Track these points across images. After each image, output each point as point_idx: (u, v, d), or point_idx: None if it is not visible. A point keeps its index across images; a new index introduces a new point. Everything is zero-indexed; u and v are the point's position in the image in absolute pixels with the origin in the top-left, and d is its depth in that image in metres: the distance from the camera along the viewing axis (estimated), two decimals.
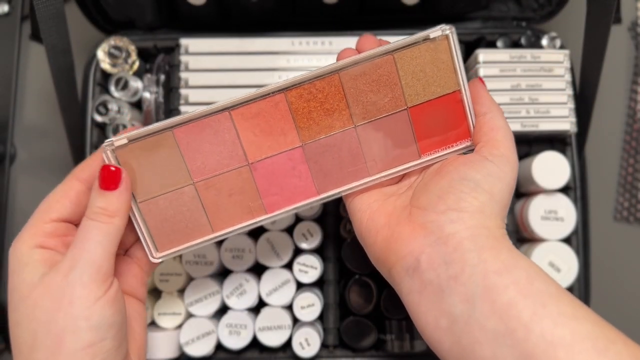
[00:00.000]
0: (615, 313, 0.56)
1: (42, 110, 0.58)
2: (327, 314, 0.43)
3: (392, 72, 0.31)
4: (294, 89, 0.31)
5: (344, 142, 0.32)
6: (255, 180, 0.32)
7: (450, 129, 0.32)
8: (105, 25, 0.49)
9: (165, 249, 0.32)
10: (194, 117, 0.30)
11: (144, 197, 0.31)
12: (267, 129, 0.31)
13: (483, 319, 0.25)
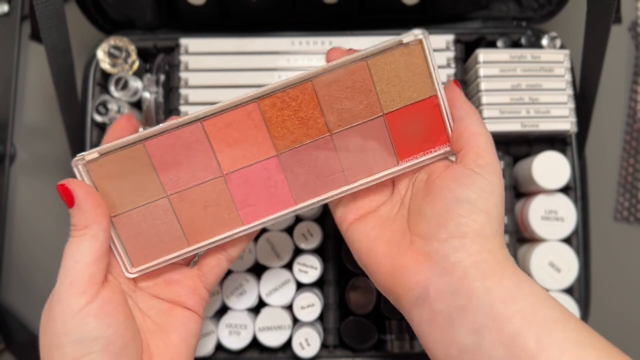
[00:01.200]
0: (616, 313, 0.56)
1: (42, 110, 0.58)
2: (327, 314, 0.43)
3: (366, 78, 0.30)
4: (267, 98, 0.30)
5: (320, 150, 0.31)
6: (230, 191, 0.31)
7: (429, 134, 0.31)
8: (105, 25, 0.49)
9: (140, 264, 0.31)
10: (165, 129, 0.30)
11: (117, 211, 0.30)
12: (240, 139, 0.31)
13: (491, 349, 0.25)
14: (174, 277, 0.32)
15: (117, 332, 0.27)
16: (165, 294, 0.31)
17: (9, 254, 0.56)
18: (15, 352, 0.54)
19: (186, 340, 0.31)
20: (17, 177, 0.57)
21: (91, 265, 0.27)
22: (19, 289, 0.56)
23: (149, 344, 0.30)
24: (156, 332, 0.30)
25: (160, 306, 0.31)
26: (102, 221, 0.28)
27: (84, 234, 0.28)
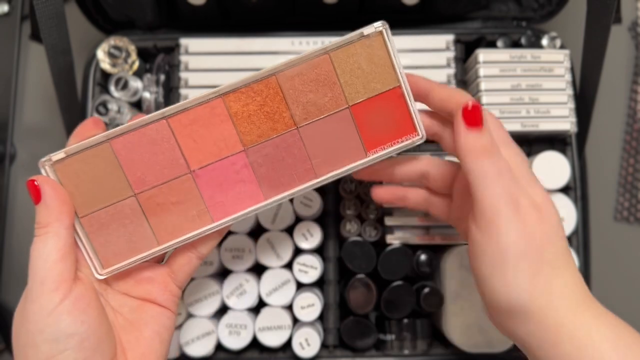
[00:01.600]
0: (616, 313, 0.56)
1: (42, 110, 0.58)
2: (327, 314, 0.43)
3: (329, 70, 0.31)
4: (232, 93, 0.30)
5: (288, 144, 0.31)
6: (198, 187, 0.31)
7: (395, 124, 0.32)
8: (105, 25, 0.49)
9: (110, 265, 0.31)
10: (130, 127, 0.30)
11: (85, 212, 0.30)
12: (207, 135, 0.31)
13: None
14: (145, 275, 0.32)
15: (90, 328, 0.27)
16: (136, 291, 0.31)
17: (9, 254, 0.56)
18: None
19: (159, 333, 0.31)
20: (17, 177, 0.57)
21: (59, 263, 0.27)
22: (19, 289, 0.56)
23: (122, 339, 0.30)
24: (128, 328, 0.30)
25: (132, 303, 0.31)
26: (64, 219, 0.28)
27: (47, 232, 0.28)
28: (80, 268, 0.30)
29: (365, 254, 0.42)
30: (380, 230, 0.44)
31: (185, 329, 0.42)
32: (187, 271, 0.32)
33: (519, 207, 0.28)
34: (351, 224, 0.44)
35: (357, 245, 0.43)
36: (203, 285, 0.42)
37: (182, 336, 0.42)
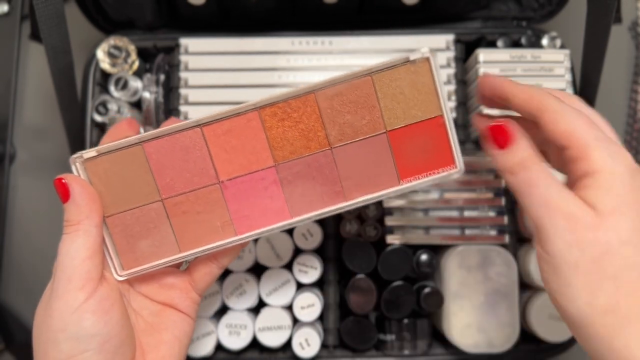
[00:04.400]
0: None
1: (42, 110, 0.58)
2: (327, 314, 0.43)
3: (370, 94, 0.30)
4: (268, 107, 0.30)
5: (320, 164, 0.31)
6: (225, 199, 0.31)
7: (433, 154, 0.31)
8: (105, 25, 0.49)
9: (130, 267, 0.31)
10: (164, 132, 0.30)
11: (111, 212, 0.30)
12: (239, 147, 0.30)
13: None
14: (168, 281, 0.32)
15: (113, 329, 0.27)
16: (157, 296, 0.31)
17: (9, 254, 0.56)
18: (15, 352, 0.54)
19: (179, 339, 0.31)
20: (17, 177, 0.57)
21: (87, 261, 0.27)
22: (19, 289, 0.56)
23: (141, 342, 0.30)
24: (149, 331, 0.30)
25: (153, 307, 0.31)
26: (94, 217, 0.28)
27: (77, 229, 0.28)
28: (106, 268, 0.30)
29: (365, 254, 0.42)
30: (380, 230, 0.44)
31: None
32: (208, 280, 0.32)
33: (569, 215, 0.26)
34: (351, 224, 0.44)
35: (357, 245, 0.43)
36: None
37: None
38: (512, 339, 0.42)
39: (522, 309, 0.44)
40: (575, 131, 0.27)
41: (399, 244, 0.42)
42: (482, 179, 0.43)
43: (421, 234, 0.43)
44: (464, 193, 0.43)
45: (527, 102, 0.29)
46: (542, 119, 0.28)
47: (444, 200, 0.43)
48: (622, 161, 0.26)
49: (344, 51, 0.44)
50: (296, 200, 0.31)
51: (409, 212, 0.43)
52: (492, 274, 0.42)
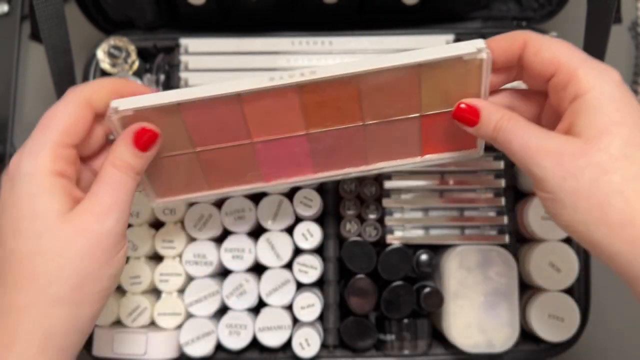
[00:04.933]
0: (615, 314, 0.56)
1: (42, 110, 0.58)
2: (327, 314, 0.43)
3: (414, 83, 0.30)
4: (309, 86, 0.30)
5: (350, 135, 0.32)
6: (256, 156, 0.32)
7: (458, 138, 0.32)
8: (105, 25, 0.49)
9: (164, 197, 0.33)
10: (203, 98, 0.30)
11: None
12: (274, 115, 0.31)
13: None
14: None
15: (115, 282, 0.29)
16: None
17: None
18: None
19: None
20: None
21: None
22: None
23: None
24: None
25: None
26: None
27: (136, 178, 0.29)
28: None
29: (365, 254, 0.42)
30: (380, 230, 0.44)
31: (185, 329, 0.42)
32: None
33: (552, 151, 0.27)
34: (351, 224, 0.44)
35: (357, 245, 0.43)
36: (203, 286, 0.42)
37: (182, 336, 0.42)
38: (512, 338, 0.42)
39: (522, 308, 0.44)
40: (560, 56, 0.28)
41: (399, 244, 0.42)
42: (482, 179, 0.43)
43: (421, 234, 0.43)
44: (464, 193, 0.43)
45: (512, 43, 0.30)
46: (528, 52, 0.29)
47: (444, 200, 0.43)
48: (609, 79, 0.27)
49: (344, 51, 0.44)
50: (322, 161, 0.33)
51: (409, 212, 0.43)
52: (492, 273, 0.42)
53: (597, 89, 0.27)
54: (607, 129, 0.26)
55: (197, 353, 0.42)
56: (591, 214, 0.26)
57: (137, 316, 0.42)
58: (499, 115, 0.29)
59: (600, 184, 0.26)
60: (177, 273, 0.43)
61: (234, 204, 0.43)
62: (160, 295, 0.43)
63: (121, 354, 0.41)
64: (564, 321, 0.43)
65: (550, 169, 0.27)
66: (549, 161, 0.27)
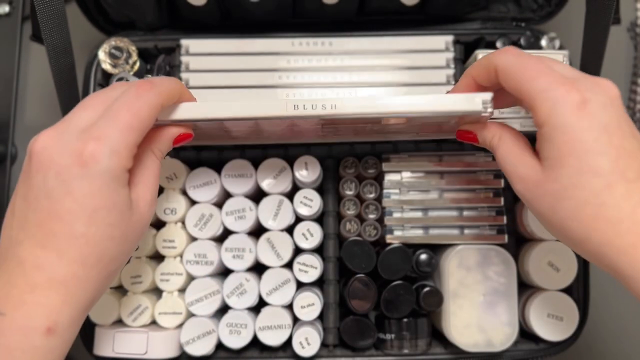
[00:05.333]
0: (614, 313, 0.56)
1: (43, 111, 0.58)
2: (327, 313, 0.44)
3: (426, 118, 0.35)
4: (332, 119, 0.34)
5: (362, 128, 0.38)
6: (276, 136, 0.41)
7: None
8: (106, 25, 0.49)
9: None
10: (235, 117, 0.33)
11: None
12: (296, 127, 0.37)
13: None
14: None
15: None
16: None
17: None
18: None
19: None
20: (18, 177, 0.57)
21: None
22: None
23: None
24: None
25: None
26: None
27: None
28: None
29: (365, 253, 0.43)
30: (380, 230, 0.44)
31: (185, 328, 0.42)
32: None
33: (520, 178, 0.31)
34: (351, 224, 0.44)
35: (357, 245, 0.43)
36: (203, 285, 0.42)
37: (182, 335, 0.42)
38: (511, 338, 0.42)
39: (521, 308, 0.44)
40: (522, 84, 0.30)
41: (398, 243, 0.43)
42: (482, 179, 0.44)
43: (421, 233, 0.43)
44: (464, 193, 0.43)
45: (488, 71, 0.32)
46: (499, 79, 0.32)
47: (443, 200, 0.43)
48: (563, 110, 0.29)
49: (344, 52, 0.44)
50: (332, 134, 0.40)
51: (409, 212, 0.43)
52: (491, 273, 0.42)
53: (550, 123, 0.29)
54: (559, 161, 0.29)
55: (197, 352, 0.42)
56: (555, 232, 0.31)
57: (138, 315, 0.42)
58: (490, 136, 0.34)
59: (557, 210, 0.29)
60: (177, 272, 0.43)
61: (235, 203, 0.43)
62: (161, 295, 0.43)
63: (122, 353, 0.41)
64: (563, 320, 0.43)
65: (521, 192, 0.32)
66: (520, 185, 0.31)
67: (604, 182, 0.28)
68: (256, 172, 0.43)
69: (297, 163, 0.43)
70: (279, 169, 0.43)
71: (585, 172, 0.28)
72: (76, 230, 0.28)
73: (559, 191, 0.29)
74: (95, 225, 0.29)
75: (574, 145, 0.28)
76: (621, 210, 0.28)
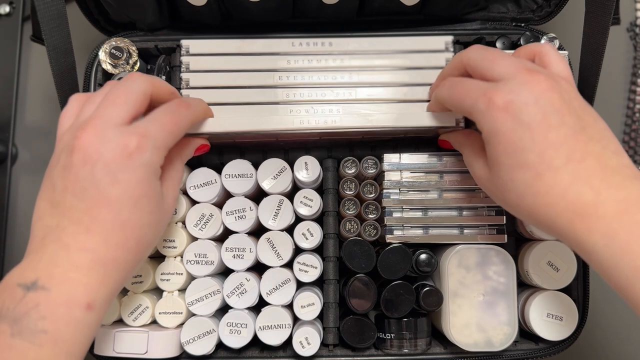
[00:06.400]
0: (614, 313, 0.57)
1: (44, 111, 0.58)
2: (327, 313, 0.44)
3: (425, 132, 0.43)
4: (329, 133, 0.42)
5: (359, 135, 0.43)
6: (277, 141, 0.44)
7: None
8: (106, 26, 0.49)
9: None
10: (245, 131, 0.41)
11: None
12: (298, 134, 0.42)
13: None
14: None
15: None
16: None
17: (11, 254, 0.57)
18: None
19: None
20: (19, 177, 0.57)
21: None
22: None
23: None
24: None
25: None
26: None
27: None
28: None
29: (365, 253, 0.43)
30: (380, 230, 0.44)
31: (186, 327, 0.42)
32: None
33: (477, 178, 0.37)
34: (351, 224, 0.44)
35: (357, 244, 0.43)
36: (204, 285, 0.43)
37: (182, 335, 0.42)
38: (510, 337, 0.42)
39: (521, 308, 0.44)
40: (464, 101, 0.35)
41: (398, 243, 0.43)
42: None
43: (420, 233, 0.43)
44: (463, 193, 0.44)
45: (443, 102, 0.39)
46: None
47: (443, 200, 0.43)
48: (490, 117, 0.32)
49: (344, 52, 0.44)
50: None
51: (409, 212, 0.43)
52: (490, 273, 0.42)
53: (484, 129, 0.33)
54: (496, 160, 0.33)
55: (198, 352, 0.42)
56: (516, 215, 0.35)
57: (138, 315, 0.42)
58: (457, 144, 0.41)
59: (506, 200, 0.34)
60: (178, 272, 0.43)
61: (235, 203, 0.43)
62: (161, 295, 0.43)
63: (122, 353, 0.41)
64: (562, 320, 0.43)
65: (481, 188, 0.38)
66: (478, 183, 0.37)
67: (533, 174, 0.31)
68: (256, 172, 0.43)
69: (297, 163, 0.43)
70: (279, 169, 0.43)
71: (517, 168, 0.32)
72: (122, 216, 0.32)
73: (502, 185, 0.33)
74: (138, 211, 0.33)
75: (505, 146, 0.32)
76: (553, 197, 0.31)
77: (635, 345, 0.55)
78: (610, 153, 0.31)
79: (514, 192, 0.33)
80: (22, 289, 0.30)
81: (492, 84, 0.33)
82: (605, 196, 0.30)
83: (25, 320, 0.29)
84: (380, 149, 0.45)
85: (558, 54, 0.36)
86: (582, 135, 0.31)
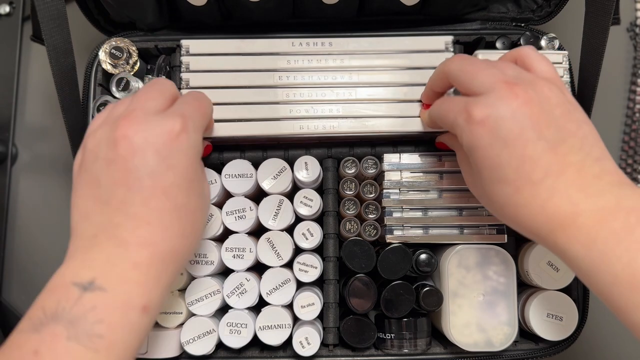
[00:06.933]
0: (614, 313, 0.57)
1: (44, 111, 0.58)
2: (327, 313, 0.44)
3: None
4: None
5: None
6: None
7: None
8: (106, 26, 0.49)
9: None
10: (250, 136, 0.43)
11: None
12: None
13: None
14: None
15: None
16: None
17: (10, 254, 0.57)
18: None
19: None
20: (19, 177, 0.57)
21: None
22: (20, 289, 0.56)
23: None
24: None
25: None
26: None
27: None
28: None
29: (365, 253, 0.43)
30: (380, 230, 0.44)
31: (186, 327, 0.42)
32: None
33: (467, 181, 0.39)
34: (351, 224, 0.44)
35: (357, 244, 0.43)
36: (204, 285, 0.43)
37: (182, 335, 0.42)
38: (510, 337, 0.42)
39: (521, 307, 0.44)
40: (446, 116, 0.35)
41: (398, 243, 0.43)
42: None
43: (420, 233, 0.43)
44: (463, 193, 0.44)
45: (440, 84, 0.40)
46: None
47: (443, 200, 0.43)
48: (468, 134, 0.33)
49: (344, 52, 0.44)
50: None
51: (409, 212, 0.43)
52: (490, 273, 0.42)
53: (465, 145, 0.34)
54: (478, 172, 0.34)
55: (198, 352, 0.42)
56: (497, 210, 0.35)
57: None
58: (450, 146, 0.42)
59: (491, 207, 0.35)
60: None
61: (235, 203, 0.43)
62: None
63: None
64: (562, 320, 0.43)
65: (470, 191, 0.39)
66: (467, 186, 0.39)
67: (513, 188, 0.32)
68: (256, 172, 0.43)
69: (297, 163, 0.43)
70: (279, 169, 0.43)
71: (496, 182, 0.32)
72: (179, 202, 0.31)
73: (485, 195, 0.34)
74: (193, 195, 0.33)
75: (483, 161, 0.32)
76: (532, 209, 0.31)
77: (635, 345, 0.55)
78: (592, 161, 0.31)
79: (497, 202, 0.33)
80: (78, 288, 0.28)
81: (472, 98, 0.33)
82: (584, 207, 0.30)
83: (82, 323, 0.27)
84: (380, 149, 0.45)
85: (539, 54, 0.35)
86: (561, 148, 0.31)
